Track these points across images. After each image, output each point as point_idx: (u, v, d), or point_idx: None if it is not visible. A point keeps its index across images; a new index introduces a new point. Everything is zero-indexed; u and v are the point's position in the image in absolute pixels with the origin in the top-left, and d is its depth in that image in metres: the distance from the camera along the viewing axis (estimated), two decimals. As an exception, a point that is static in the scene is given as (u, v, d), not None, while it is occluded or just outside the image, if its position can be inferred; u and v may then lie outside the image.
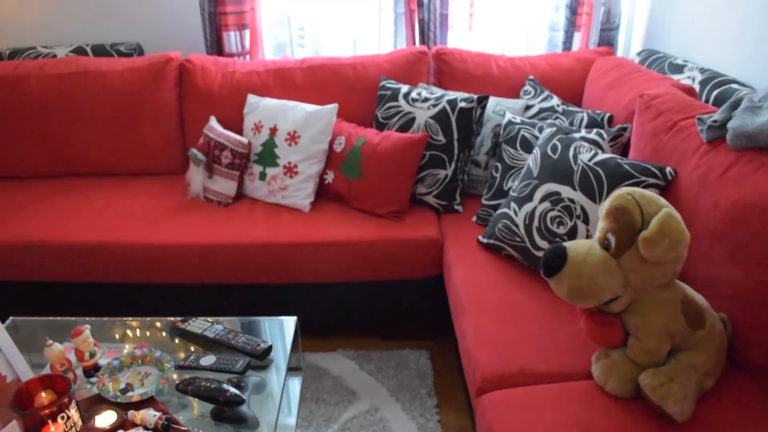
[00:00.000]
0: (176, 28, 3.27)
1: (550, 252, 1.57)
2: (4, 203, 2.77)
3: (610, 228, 1.53)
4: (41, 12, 3.32)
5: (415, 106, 2.60)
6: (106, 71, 2.90)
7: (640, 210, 1.49)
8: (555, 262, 1.55)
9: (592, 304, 1.54)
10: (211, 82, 2.89)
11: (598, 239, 1.57)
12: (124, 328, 1.99)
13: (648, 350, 1.52)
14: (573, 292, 1.53)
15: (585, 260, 1.52)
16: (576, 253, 1.54)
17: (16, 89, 2.91)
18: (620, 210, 1.51)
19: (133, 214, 2.60)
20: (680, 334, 1.52)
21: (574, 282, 1.52)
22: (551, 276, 1.56)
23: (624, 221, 1.50)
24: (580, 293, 1.53)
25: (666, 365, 1.52)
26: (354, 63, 2.88)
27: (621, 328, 1.57)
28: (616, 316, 1.57)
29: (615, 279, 1.50)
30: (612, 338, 1.58)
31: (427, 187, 2.56)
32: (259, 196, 2.67)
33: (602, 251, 1.53)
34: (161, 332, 1.97)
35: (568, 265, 1.53)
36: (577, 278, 1.52)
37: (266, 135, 2.66)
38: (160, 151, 2.96)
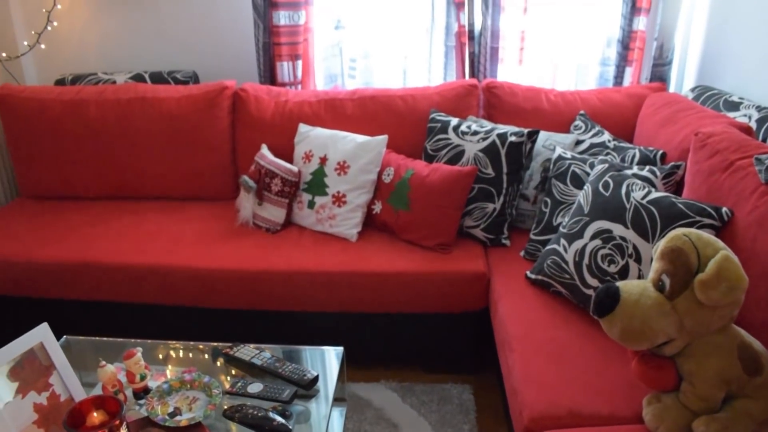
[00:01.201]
0: (231, 57, 3.36)
1: (603, 291, 1.55)
2: (62, 223, 2.86)
3: (665, 269, 1.50)
4: (102, 40, 3.46)
5: (465, 139, 2.61)
6: (163, 98, 2.99)
7: (697, 252, 1.47)
8: (607, 302, 1.53)
9: (645, 346, 1.51)
10: (263, 111, 2.95)
11: (652, 280, 1.54)
12: (173, 351, 2.03)
13: (702, 396, 1.48)
14: (625, 334, 1.51)
15: (638, 301, 1.50)
16: (629, 293, 1.52)
17: (77, 113, 3.01)
18: (676, 251, 1.49)
19: (184, 238, 2.66)
20: (736, 380, 1.47)
21: (627, 323, 1.50)
22: (603, 316, 1.53)
23: (680, 263, 1.47)
24: (633, 335, 1.50)
25: (721, 412, 1.48)
26: (404, 95, 2.91)
27: (674, 372, 1.53)
28: (669, 359, 1.54)
29: (669, 322, 1.47)
30: (665, 382, 1.55)
31: (475, 221, 2.56)
32: (307, 224, 2.71)
33: (656, 293, 1.50)
34: (209, 357, 1.99)
35: (621, 305, 1.51)
36: (630, 320, 1.49)
37: (316, 164, 2.69)
38: (212, 177, 3.03)
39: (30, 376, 1.60)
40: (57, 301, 2.64)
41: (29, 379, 1.60)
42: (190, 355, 2.01)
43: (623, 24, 2.99)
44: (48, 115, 3.02)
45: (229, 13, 3.30)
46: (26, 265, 2.58)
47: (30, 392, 1.60)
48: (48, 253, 2.60)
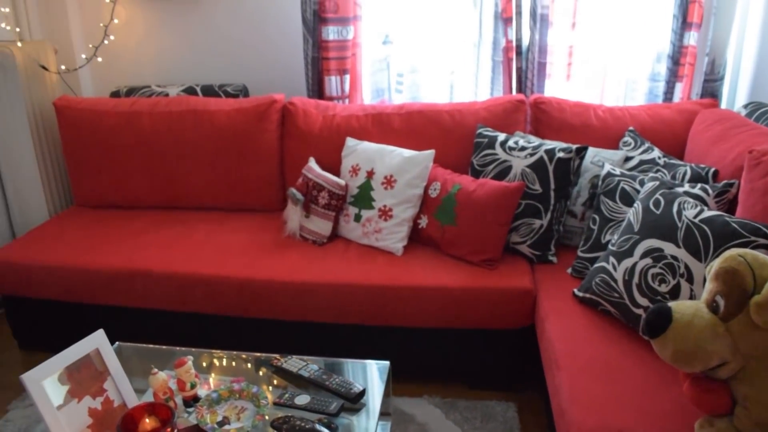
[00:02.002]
0: (280, 71, 3.43)
1: (654, 312, 1.52)
2: (114, 231, 2.93)
3: (719, 290, 1.47)
4: (156, 54, 3.56)
5: (512, 154, 2.60)
6: (214, 111, 3.06)
7: (752, 273, 1.44)
8: (659, 323, 1.50)
9: (698, 369, 1.48)
10: (311, 125, 2.99)
11: (706, 301, 1.51)
12: (220, 360, 2.06)
13: (758, 421, 1.44)
14: (678, 356, 1.48)
15: (691, 323, 1.47)
16: (682, 314, 1.49)
17: (131, 125, 3.10)
18: (731, 272, 1.46)
19: (232, 249, 2.70)
20: (794, 405, 1.43)
21: (680, 345, 1.47)
22: (654, 337, 1.51)
23: (735, 284, 1.44)
24: (686, 357, 1.47)
25: (777, 439, 1.44)
26: (451, 110, 2.92)
27: (728, 396, 1.50)
28: (723, 382, 1.50)
29: (723, 344, 1.44)
30: (718, 406, 1.51)
31: (522, 237, 2.54)
32: (353, 237, 2.73)
33: (710, 314, 1.48)
34: (257, 367, 2.02)
35: (673, 326, 1.48)
36: (683, 341, 1.47)
37: (363, 178, 2.72)
38: (260, 189, 3.08)
39: (85, 381, 1.65)
40: (108, 307, 2.71)
41: (85, 384, 1.65)
42: (235, 364, 2.04)
43: (673, 39, 2.95)
44: (103, 126, 3.12)
45: (279, 28, 3.37)
46: (79, 272, 2.66)
47: (85, 397, 1.64)
48: (100, 260, 2.67)
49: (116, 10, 3.48)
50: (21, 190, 3.36)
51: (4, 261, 2.75)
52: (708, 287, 1.52)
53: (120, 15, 3.50)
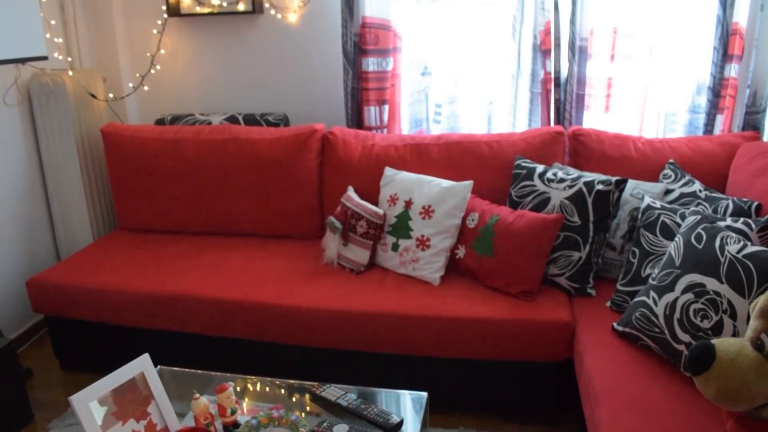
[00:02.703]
0: (320, 101, 3.49)
1: (697, 349, 1.51)
2: (156, 255, 3.00)
3: (764, 328, 1.46)
4: (200, 83, 3.65)
5: (551, 186, 2.60)
6: (256, 139, 3.12)
7: (800, 312, 1.42)
8: (702, 360, 1.49)
9: (743, 408, 1.46)
10: (351, 154, 3.03)
11: (750, 339, 1.49)
12: (259, 386, 2.08)
13: (806, 465, 1.41)
14: (721, 394, 1.46)
15: (735, 360, 1.45)
16: (725, 352, 1.48)
17: (175, 152, 3.18)
18: (777, 311, 1.44)
19: (270, 275, 2.74)
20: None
21: (723, 383, 1.45)
22: (697, 374, 1.50)
23: (781, 323, 1.43)
24: (730, 396, 1.45)
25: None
26: (489, 141, 2.94)
27: (774, 437, 1.47)
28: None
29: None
30: (764, 447, 1.49)
31: (560, 269, 2.53)
32: (390, 266, 2.75)
33: (755, 352, 1.46)
34: (293, 394, 2.04)
35: (717, 364, 1.47)
36: (727, 379, 1.45)
37: (401, 207, 2.74)
38: (299, 217, 3.12)
39: (130, 404, 1.69)
40: (149, 330, 2.76)
41: (129, 407, 1.68)
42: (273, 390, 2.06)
43: (714, 71, 2.93)
44: (148, 152, 3.21)
45: (320, 60, 3.44)
46: (121, 295, 2.72)
47: (129, 420, 1.68)
48: (142, 284, 2.73)
49: (163, 41, 3.60)
50: (67, 213, 3.46)
51: (49, 282, 2.82)
52: (752, 325, 1.50)
53: (166, 45, 3.61)
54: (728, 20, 2.84)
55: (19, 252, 3.28)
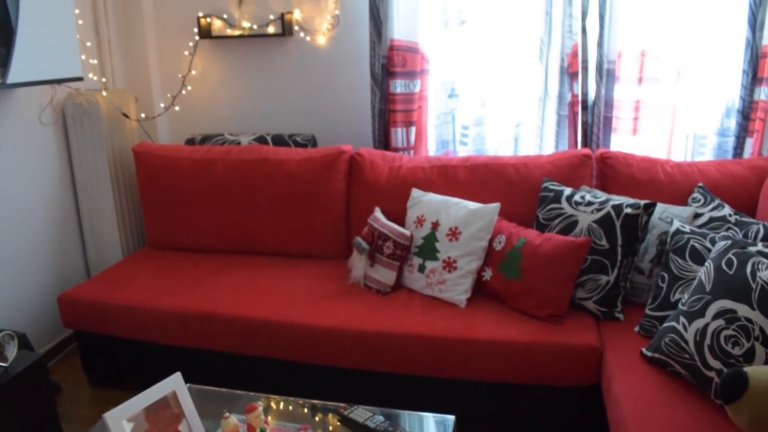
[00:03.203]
0: (347, 122, 3.53)
1: (729, 376, 1.50)
2: (185, 273, 3.04)
3: (799, 358, 1.44)
4: (230, 103, 3.71)
5: (578, 209, 2.60)
6: (284, 160, 3.16)
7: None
8: (734, 387, 1.47)
9: (777, 438, 1.44)
10: (378, 175, 3.06)
11: (784, 368, 1.48)
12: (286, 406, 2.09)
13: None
14: (755, 423, 1.45)
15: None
16: (758, 380, 1.46)
17: (205, 171, 3.23)
18: (812, 340, 1.42)
19: (298, 295, 2.76)
20: None
21: (757, 412, 1.44)
22: (729, 402, 1.48)
23: (817, 353, 1.41)
24: (764, 424, 1.44)
25: None
26: (517, 163, 2.94)
27: (809, 468, 1.45)
28: (804, 454, 1.46)
29: (804, 414, 1.40)
30: (799, 478, 1.46)
31: (588, 292, 2.52)
32: (416, 287, 2.75)
33: (789, 382, 1.44)
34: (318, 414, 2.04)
35: (750, 392, 1.45)
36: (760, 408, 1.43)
37: (428, 229, 2.75)
38: (326, 237, 3.15)
39: (162, 422, 1.71)
40: (177, 348, 2.78)
41: (161, 425, 1.70)
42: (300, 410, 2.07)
43: (743, 94, 2.92)
44: (179, 171, 3.26)
45: (348, 82, 3.48)
46: (150, 312, 2.75)
47: (160, 438, 1.70)
48: (170, 301, 2.76)
49: (194, 62, 3.67)
50: (98, 230, 3.52)
51: (78, 298, 2.87)
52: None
53: (197, 66, 3.68)
54: (758, 43, 2.83)
55: (50, 267, 3.34)
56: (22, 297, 3.16)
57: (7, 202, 3.04)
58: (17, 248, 3.12)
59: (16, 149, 3.09)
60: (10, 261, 3.08)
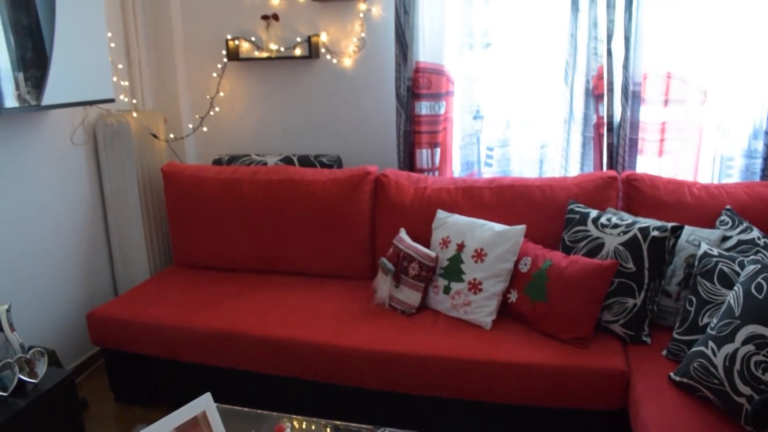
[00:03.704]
0: (373, 143, 3.56)
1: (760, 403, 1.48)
2: (211, 292, 3.07)
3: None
4: (256, 124, 3.77)
5: (605, 231, 2.59)
6: (310, 180, 3.19)
7: None
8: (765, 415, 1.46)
9: (811, 468, 1.42)
10: (403, 196, 3.08)
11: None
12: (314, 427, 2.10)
13: None
14: (787, 452, 1.43)
15: (803, 418, 1.42)
16: (791, 408, 1.44)
17: (232, 191, 3.28)
18: None
19: (323, 315, 2.77)
20: None
21: (789, 441, 1.42)
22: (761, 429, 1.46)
23: None
24: (797, 454, 1.42)
25: None
26: (542, 185, 2.95)
27: None
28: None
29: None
30: None
31: (614, 315, 2.51)
32: (441, 309, 2.75)
33: (823, 411, 1.42)
34: (347, 436, 2.05)
35: (782, 421, 1.43)
36: (793, 437, 1.41)
37: (453, 250, 2.76)
38: (351, 257, 3.17)
39: (190, 443, 1.72)
40: (203, 366, 2.81)
41: (189, 445, 1.72)
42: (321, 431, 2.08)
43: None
44: (206, 191, 3.31)
45: (373, 103, 3.52)
46: (176, 331, 2.78)
47: (189, 458, 1.71)
48: (197, 320, 2.79)
49: (221, 84, 3.73)
50: (126, 248, 3.58)
51: (107, 316, 2.91)
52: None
53: (224, 88, 3.74)
54: (786, 65, 2.82)
55: (79, 284, 3.40)
56: (51, 313, 3.21)
57: (38, 219, 3.11)
58: (47, 265, 3.18)
59: (48, 168, 3.16)
60: (40, 277, 3.14)
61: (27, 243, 3.05)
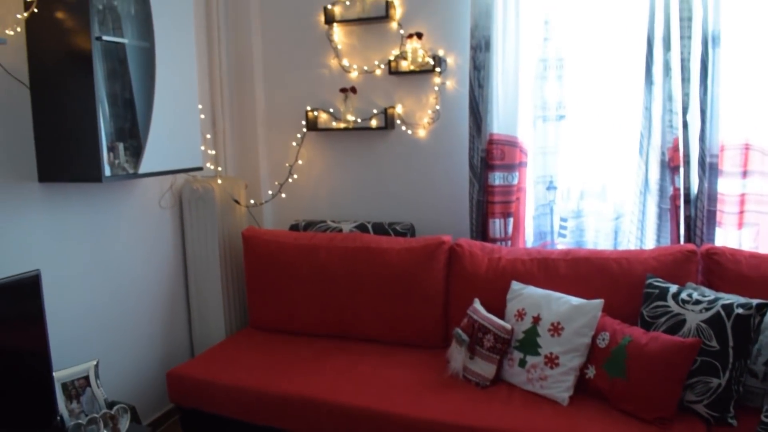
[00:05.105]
0: (445, 212, 3.62)
1: None
2: (287, 356, 3.13)
3: None
4: (332, 191, 3.89)
5: (686, 308, 2.55)
6: (386, 248, 3.27)
7: None
8: None
9: None
10: (477, 266, 3.10)
11: None
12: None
13: None
14: None
15: None
16: None
17: (309, 257, 3.38)
18: None
19: (397, 384, 2.78)
20: None
21: None
22: None
23: None
24: None
25: None
26: (619, 258, 2.92)
27: None
28: None
29: None
30: None
31: (697, 395, 2.44)
32: (516, 382, 2.73)
33: None
34: None
35: None
36: None
37: (529, 323, 2.76)
38: (424, 326, 3.19)
39: None
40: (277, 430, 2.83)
41: None
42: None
43: None
44: (284, 256, 3.42)
45: (446, 173, 3.59)
46: (252, 393, 2.84)
47: None
48: (272, 384, 2.85)
49: (300, 152, 3.88)
50: (204, 309, 3.70)
51: (186, 375, 3.02)
52: None
53: (303, 156, 3.89)
54: None
55: (158, 342, 3.53)
56: (131, 369, 3.33)
57: (125, 278, 3.27)
58: (131, 322, 3.33)
59: (136, 230, 3.34)
60: (124, 334, 3.28)
61: (115, 300, 3.21)
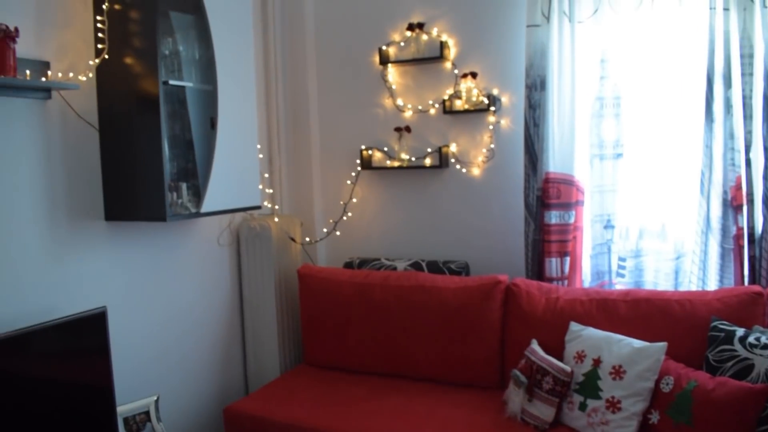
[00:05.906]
0: (500, 250, 3.60)
1: None
2: (342, 394, 3.14)
3: None
4: (386, 229, 3.92)
5: (754, 352, 2.47)
6: (441, 287, 3.26)
7: None
8: None
9: None
10: (534, 306, 3.07)
11: None
12: None
13: None
14: None
15: None
16: None
17: (364, 295, 3.41)
18: None
19: (454, 426, 2.76)
20: None
21: None
22: None
23: None
24: None
25: None
26: (681, 299, 2.85)
27: None
28: None
29: None
30: None
31: (768, 444, 2.35)
32: (577, 426, 2.67)
33: None
34: None
35: None
36: None
37: (589, 365, 2.71)
38: (480, 366, 3.16)
39: None
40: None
41: None
42: None
43: None
44: (339, 294, 3.46)
45: (501, 211, 3.59)
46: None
47: None
48: (328, 423, 2.84)
49: (354, 190, 3.93)
50: (259, 345, 3.74)
51: (242, 412, 3.07)
52: None
53: (357, 194, 3.94)
54: None
55: (214, 378, 3.57)
56: (188, 404, 3.37)
57: (184, 314, 3.34)
58: (189, 358, 3.38)
59: (196, 266, 3.42)
60: (181, 370, 3.33)
61: (173, 336, 3.28)
